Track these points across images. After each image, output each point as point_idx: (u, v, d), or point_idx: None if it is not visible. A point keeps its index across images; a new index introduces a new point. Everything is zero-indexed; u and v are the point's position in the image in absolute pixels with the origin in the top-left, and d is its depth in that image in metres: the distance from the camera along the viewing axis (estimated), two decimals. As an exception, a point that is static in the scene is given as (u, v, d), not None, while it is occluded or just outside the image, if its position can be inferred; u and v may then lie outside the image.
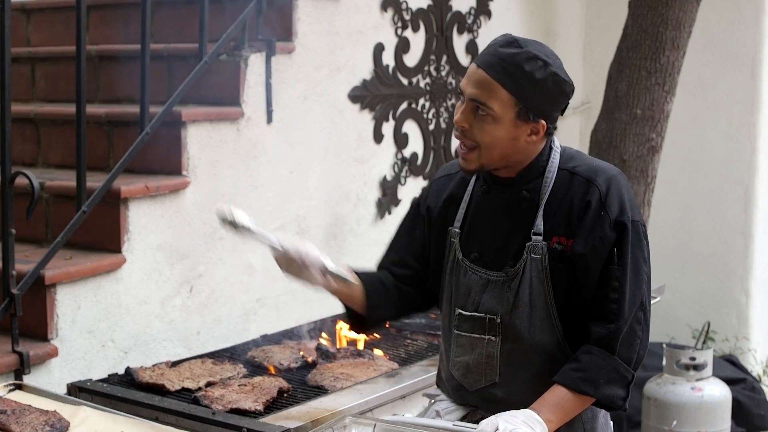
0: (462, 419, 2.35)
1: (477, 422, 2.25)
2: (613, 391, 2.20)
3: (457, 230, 2.37)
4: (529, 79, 2.16)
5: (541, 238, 2.24)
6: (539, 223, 2.25)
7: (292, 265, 2.36)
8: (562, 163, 2.29)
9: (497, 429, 2.06)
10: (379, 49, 4.33)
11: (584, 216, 2.21)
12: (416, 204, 2.51)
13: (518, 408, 2.24)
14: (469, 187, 2.39)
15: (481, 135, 2.20)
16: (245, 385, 2.85)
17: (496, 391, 2.31)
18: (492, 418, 2.10)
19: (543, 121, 2.22)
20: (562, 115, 2.28)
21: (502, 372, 2.30)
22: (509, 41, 2.19)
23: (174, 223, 3.46)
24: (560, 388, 2.19)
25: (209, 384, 2.91)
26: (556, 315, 2.25)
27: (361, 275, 2.44)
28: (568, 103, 2.27)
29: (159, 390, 2.85)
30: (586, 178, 2.24)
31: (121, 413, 2.45)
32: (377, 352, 3.34)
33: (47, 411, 2.42)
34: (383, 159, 4.40)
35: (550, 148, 2.30)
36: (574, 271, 2.23)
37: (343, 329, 3.61)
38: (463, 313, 2.33)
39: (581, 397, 2.19)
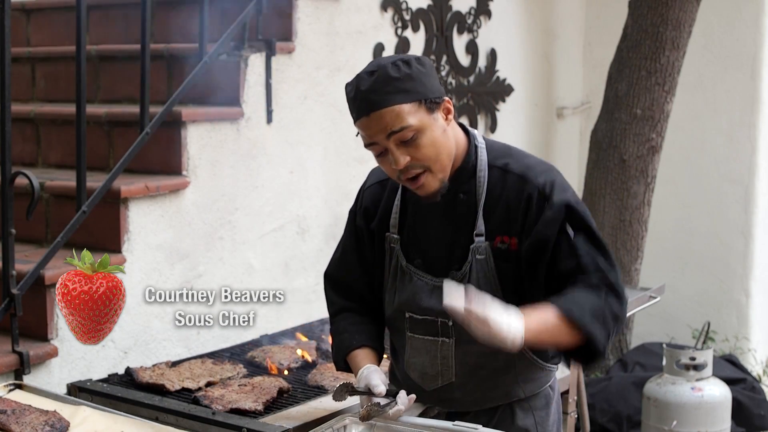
0: (420, 416, 2.35)
1: (435, 417, 2.31)
2: (596, 328, 2.13)
3: (395, 236, 2.35)
4: (407, 79, 2.15)
5: (483, 238, 2.23)
6: (480, 225, 2.24)
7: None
8: (491, 159, 2.27)
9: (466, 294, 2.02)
10: (379, 49, 4.33)
11: (527, 212, 2.20)
12: (353, 213, 2.49)
13: (476, 406, 2.32)
14: (398, 193, 2.37)
15: (424, 154, 2.17)
16: (245, 385, 2.84)
17: (453, 390, 2.33)
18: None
19: (444, 98, 2.21)
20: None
21: (458, 372, 2.31)
22: (362, 77, 2.17)
23: (174, 223, 3.46)
24: (548, 307, 2.13)
25: (209, 384, 2.91)
26: None
27: (373, 348, 2.41)
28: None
29: (159, 390, 2.85)
30: (519, 176, 2.23)
31: (121, 413, 2.45)
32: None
33: (47, 411, 2.41)
34: (383, 159, 4.39)
35: (476, 146, 2.28)
36: (526, 264, 2.21)
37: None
38: (415, 316, 2.33)
39: (566, 324, 2.11)
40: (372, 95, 2.15)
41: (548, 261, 2.20)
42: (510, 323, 2.04)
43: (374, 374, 2.26)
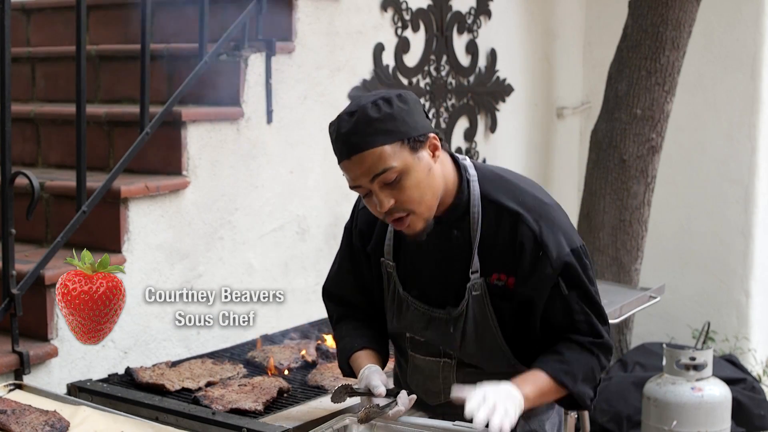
0: None
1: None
2: (585, 390, 2.24)
3: (391, 263, 2.32)
4: (388, 119, 2.08)
5: (478, 275, 2.20)
6: (476, 263, 2.20)
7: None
8: (485, 190, 2.21)
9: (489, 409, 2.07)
10: (379, 49, 4.33)
11: (521, 257, 2.16)
12: (349, 230, 2.44)
13: None
14: None
15: (408, 196, 2.11)
16: (245, 385, 2.85)
17: (456, 406, 2.31)
18: (478, 392, 2.09)
19: (429, 135, 2.14)
20: (428, 117, 2.19)
21: None
22: (343, 118, 2.12)
23: (174, 223, 3.46)
24: (541, 373, 2.20)
25: (209, 384, 2.91)
26: (504, 345, 2.26)
27: (375, 349, 2.41)
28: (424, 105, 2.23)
29: (159, 390, 2.85)
30: (514, 215, 2.17)
31: (121, 413, 2.45)
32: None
33: (47, 411, 2.42)
34: (383, 159, 4.39)
35: (468, 180, 2.21)
36: (520, 308, 2.22)
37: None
38: (416, 338, 2.33)
39: (558, 388, 2.21)
40: (352, 138, 2.09)
41: (541, 314, 2.22)
42: (509, 412, 2.07)
43: (375, 375, 2.25)
